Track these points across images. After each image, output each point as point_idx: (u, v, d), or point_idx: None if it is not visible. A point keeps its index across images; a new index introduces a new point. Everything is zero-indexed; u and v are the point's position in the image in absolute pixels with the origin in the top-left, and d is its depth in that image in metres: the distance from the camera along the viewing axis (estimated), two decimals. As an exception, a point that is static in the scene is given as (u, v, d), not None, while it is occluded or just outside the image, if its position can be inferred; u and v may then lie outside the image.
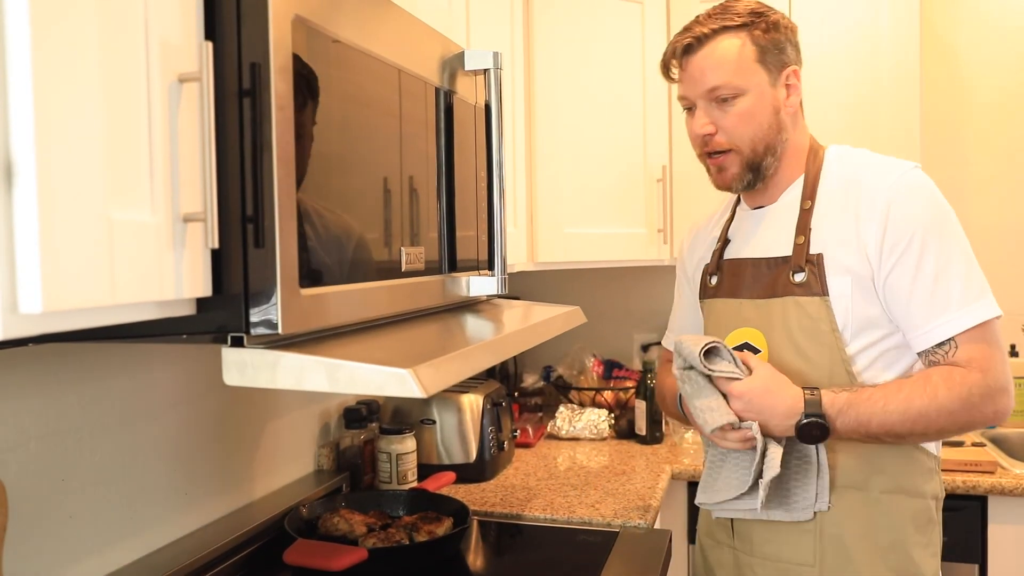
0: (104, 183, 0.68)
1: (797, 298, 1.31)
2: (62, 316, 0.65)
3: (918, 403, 1.22)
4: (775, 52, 1.33)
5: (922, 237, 1.25)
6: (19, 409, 1.13)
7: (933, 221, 1.26)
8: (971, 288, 1.26)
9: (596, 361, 2.71)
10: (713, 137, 1.34)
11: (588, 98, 2.30)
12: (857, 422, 1.23)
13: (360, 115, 1.03)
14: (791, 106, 1.35)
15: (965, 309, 1.24)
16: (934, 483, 1.33)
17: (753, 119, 1.32)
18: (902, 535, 1.29)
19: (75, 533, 1.21)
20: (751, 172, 1.35)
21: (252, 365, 0.85)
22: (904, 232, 1.25)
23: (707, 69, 1.32)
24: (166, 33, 0.77)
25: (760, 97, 1.32)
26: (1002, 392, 1.24)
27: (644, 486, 1.95)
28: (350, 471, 1.86)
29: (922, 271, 1.25)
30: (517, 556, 1.63)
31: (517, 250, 2.07)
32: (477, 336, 1.20)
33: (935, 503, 1.33)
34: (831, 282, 1.28)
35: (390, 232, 1.10)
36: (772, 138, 1.34)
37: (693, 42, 1.33)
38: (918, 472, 1.31)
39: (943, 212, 1.28)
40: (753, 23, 1.31)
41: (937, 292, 1.25)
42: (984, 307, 1.26)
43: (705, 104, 1.34)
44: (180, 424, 1.43)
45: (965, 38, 2.62)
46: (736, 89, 1.31)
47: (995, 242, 2.61)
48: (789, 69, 1.35)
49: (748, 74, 1.31)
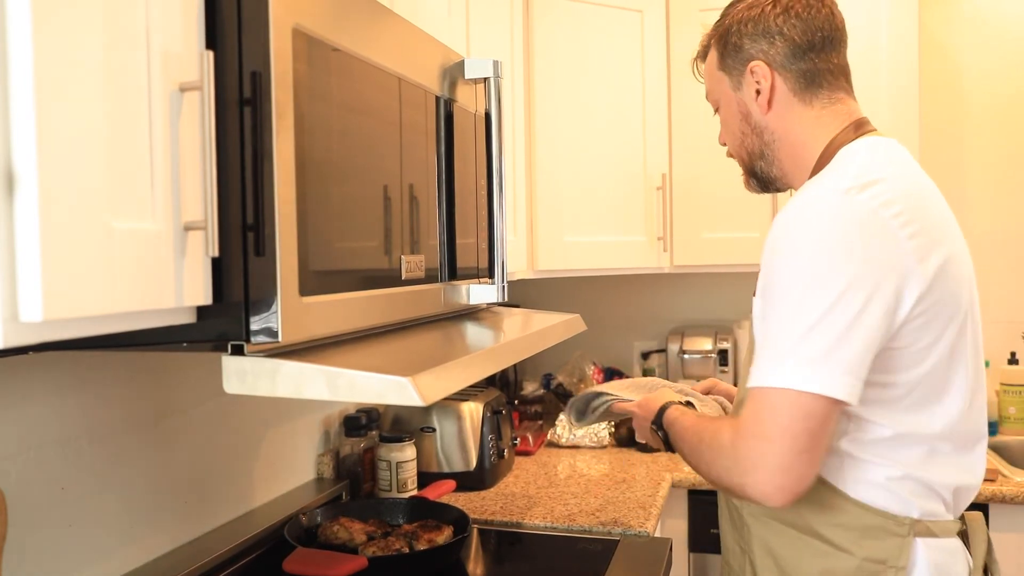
0: (105, 191, 0.68)
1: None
2: (63, 324, 0.65)
3: (693, 438, 1.18)
4: (733, 52, 1.22)
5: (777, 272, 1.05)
6: (19, 417, 1.13)
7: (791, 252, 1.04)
8: (777, 348, 1.02)
9: (596, 369, 2.71)
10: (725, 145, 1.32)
11: (588, 106, 2.30)
12: (675, 437, 1.26)
13: (360, 123, 1.03)
14: (762, 104, 1.20)
15: (758, 365, 1.04)
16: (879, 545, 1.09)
17: (728, 129, 1.27)
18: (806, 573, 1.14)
19: (75, 541, 1.20)
20: (753, 178, 1.28)
21: (252, 373, 0.85)
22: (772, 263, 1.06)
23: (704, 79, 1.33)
24: (167, 42, 0.77)
25: (728, 105, 1.25)
26: (751, 466, 1.02)
27: (644, 494, 1.95)
28: (350, 479, 1.85)
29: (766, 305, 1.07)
30: (517, 564, 1.63)
31: (517, 258, 2.08)
32: (477, 344, 1.20)
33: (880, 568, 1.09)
34: (754, 301, 1.13)
35: (390, 240, 1.10)
36: (751, 144, 1.24)
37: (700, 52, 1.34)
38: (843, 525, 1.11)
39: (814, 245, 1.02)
40: (717, 30, 1.28)
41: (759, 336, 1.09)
42: (773, 373, 1.01)
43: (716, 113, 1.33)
44: (180, 432, 1.43)
45: (964, 45, 2.62)
46: (715, 101, 1.30)
47: (994, 249, 2.61)
48: (751, 64, 1.20)
49: (716, 84, 1.27)
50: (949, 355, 1.08)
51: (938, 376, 1.08)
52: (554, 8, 2.23)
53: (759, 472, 1.02)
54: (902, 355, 1.05)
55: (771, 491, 1.01)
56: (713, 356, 2.62)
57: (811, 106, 1.19)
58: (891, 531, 1.09)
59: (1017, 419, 2.43)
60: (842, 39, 1.24)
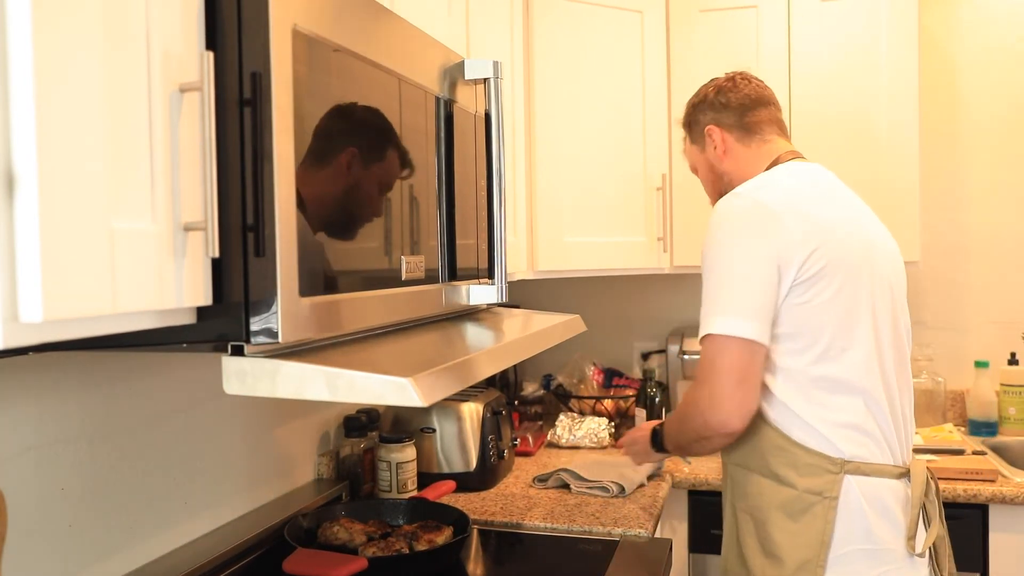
0: (105, 192, 0.68)
1: None
2: (63, 325, 0.66)
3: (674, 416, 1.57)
4: (697, 129, 1.67)
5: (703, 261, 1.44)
6: (19, 418, 1.13)
7: (707, 245, 1.43)
8: (709, 306, 1.39)
9: (596, 370, 2.71)
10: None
11: (588, 107, 2.30)
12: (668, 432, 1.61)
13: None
14: (718, 155, 1.63)
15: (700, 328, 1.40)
16: (817, 480, 1.39)
17: (705, 181, 1.70)
18: (770, 516, 1.43)
19: (74, 542, 1.20)
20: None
21: (252, 374, 0.86)
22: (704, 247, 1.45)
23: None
24: (167, 43, 0.77)
25: (703, 165, 1.69)
26: (703, 412, 1.38)
27: (644, 495, 1.95)
28: (350, 480, 1.85)
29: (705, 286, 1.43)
30: (517, 565, 1.63)
31: (517, 258, 2.08)
32: (477, 345, 1.20)
33: (819, 498, 1.39)
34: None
35: (390, 241, 1.10)
36: (719, 186, 1.64)
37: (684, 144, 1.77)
38: (790, 464, 1.41)
39: (717, 235, 1.42)
40: (682, 119, 1.73)
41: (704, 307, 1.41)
42: (709, 324, 1.37)
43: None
44: (180, 433, 1.43)
45: (963, 45, 2.62)
46: (694, 168, 1.73)
47: (993, 249, 2.61)
48: (707, 128, 1.64)
49: (693, 156, 1.71)
50: (845, 315, 1.38)
51: (839, 331, 1.38)
52: (554, 8, 2.23)
53: (712, 406, 1.37)
54: (804, 309, 1.38)
55: (725, 416, 1.36)
56: (713, 357, 2.61)
57: (749, 147, 1.62)
58: (825, 468, 1.39)
59: (1017, 419, 2.43)
60: (768, 101, 1.63)
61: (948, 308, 2.63)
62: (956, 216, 2.64)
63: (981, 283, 2.62)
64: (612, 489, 1.93)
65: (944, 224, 2.63)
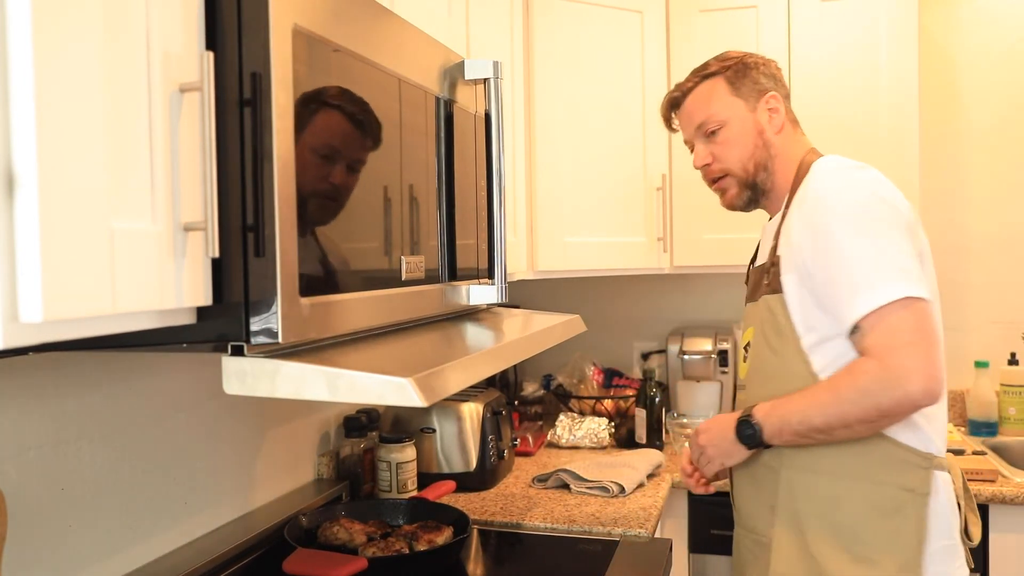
0: (105, 192, 0.68)
1: (766, 297, 1.44)
2: (63, 325, 0.66)
3: (824, 396, 1.30)
4: (749, 84, 1.53)
5: (837, 226, 1.31)
6: (19, 418, 1.13)
7: (847, 210, 1.32)
8: (877, 273, 1.26)
9: (596, 370, 2.71)
10: (710, 167, 1.55)
11: (588, 107, 2.30)
12: (782, 420, 1.34)
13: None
14: (775, 126, 1.52)
15: (864, 295, 1.26)
16: (908, 475, 1.34)
17: (739, 142, 1.52)
18: (860, 519, 1.34)
19: (75, 542, 1.20)
20: (748, 189, 1.53)
21: (252, 374, 0.86)
22: (820, 223, 1.33)
23: (693, 111, 1.56)
24: (167, 43, 0.77)
25: (742, 123, 1.52)
26: (902, 380, 1.22)
27: (644, 495, 1.95)
28: (350, 480, 1.85)
29: (832, 258, 1.31)
30: (517, 565, 1.63)
31: (517, 259, 2.08)
32: (477, 345, 1.20)
33: (911, 495, 1.34)
34: (783, 280, 1.40)
35: (390, 241, 1.10)
36: (760, 155, 1.51)
37: (679, 95, 1.60)
38: (879, 461, 1.34)
39: (862, 202, 1.32)
40: (723, 68, 1.54)
41: (842, 279, 1.30)
42: (885, 290, 1.25)
43: (701, 140, 1.56)
44: (180, 433, 1.43)
45: (963, 46, 2.62)
46: (719, 121, 1.53)
47: (993, 250, 2.61)
48: (767, 95, 1.52)
49: (726, 107, 1.53)
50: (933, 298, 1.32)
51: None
52: (554, 8, 2.23)
53: (918, 373, 1.22)
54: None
55: (932, 386, 1.22)
56: (713, 357, 2.61)
57: (795, 135, 1.55)
58: (917, 464, 1.34)
59: (1017, 419, 2.43)
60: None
61: (948, 308, 2.60)
62: (956, 216, 2.64)
63: (981, 283, 2.62)
64: (612, 489, 1.93)
65: (944, 224, 2.63)
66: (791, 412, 1.33)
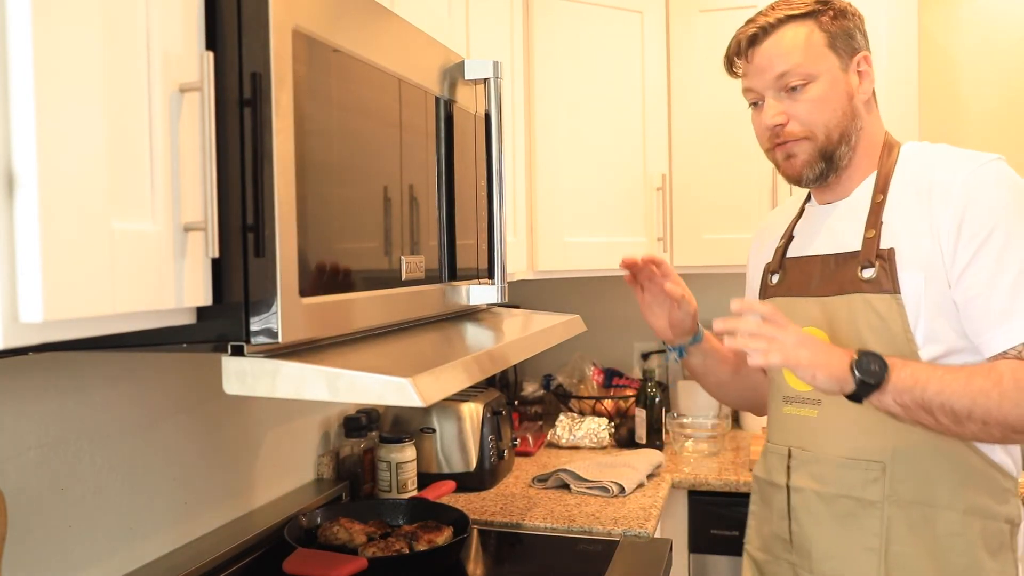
0: (105, 192, 0.68)
1: (866, 295, 1.23)
2: (63, 325, 0.66)
3: (980, 381, 1.10)
4: (845, 38, 1.28)
5: (1005, 230, 1.14)
6: (19, 418, 1.13)
7: (1018, 214, 1.15)
8: None
9: (596, 370, 2.71)
10: (785, 127, 1.29)
11: (588, 107, 2.30)
12: (914, 379, 1.11)
13: (360, 124, 1.03)
14: (864, 93, 1.29)
15: None
16: (1010, 505, 1.22)
17: (827, 105, 1.27)
18: (973, 559, 1.19)
19: (74, 542, 1.20)
20: (823, 161, 1.29)
21: (252, 374, 0.85)
22: (984, 224, 1.15)
23: (775, 57, 1.27)
24: (167, 43, 0.77)
25: (833, 82, 1.27)
26: None
27: (644, 495, 1.95)
28: (350, 480, 1.85)
29: (1003, 266, 1.14)
30: (517, 565, 1.63)
31: (517, 259, 2.08)
32: (477, 345, 1.20)
33: (1009, 527, 1.21)
34: (903, 278, 1.20)
35: (390, 241, 1.10)
36: (847, 125, 1.28)
37: (759, 32, 1.29)
38: (989, 491, 1.20)
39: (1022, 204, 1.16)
40: (819, 11, 1.28)
41: (1018, 292, 1.13)
42: None
43: (775, 94, 1.29)
44: (180, 433, 1.43)
45: (963, 46, 2.62)
46: (807, 75, 1.26)
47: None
48: (860, 55, 1.29)
49: (818, 59, 1.26)
50: None
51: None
52: (554, 8, 2.23)
53: None
54: None
55: None
56: (713, 357, 2.61)
57: (877, 110, 1.34)
58: (1013, 491, 1.21)
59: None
60: None
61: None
62: (956, 216, 2.63)
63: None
64: (612, 489, 1.93)
65: (944, 224, 2.63)
66: (931, 379, 1.11)
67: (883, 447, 1.22)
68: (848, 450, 1.25)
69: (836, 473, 1.26)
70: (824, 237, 1.34)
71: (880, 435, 1.22)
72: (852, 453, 1.25)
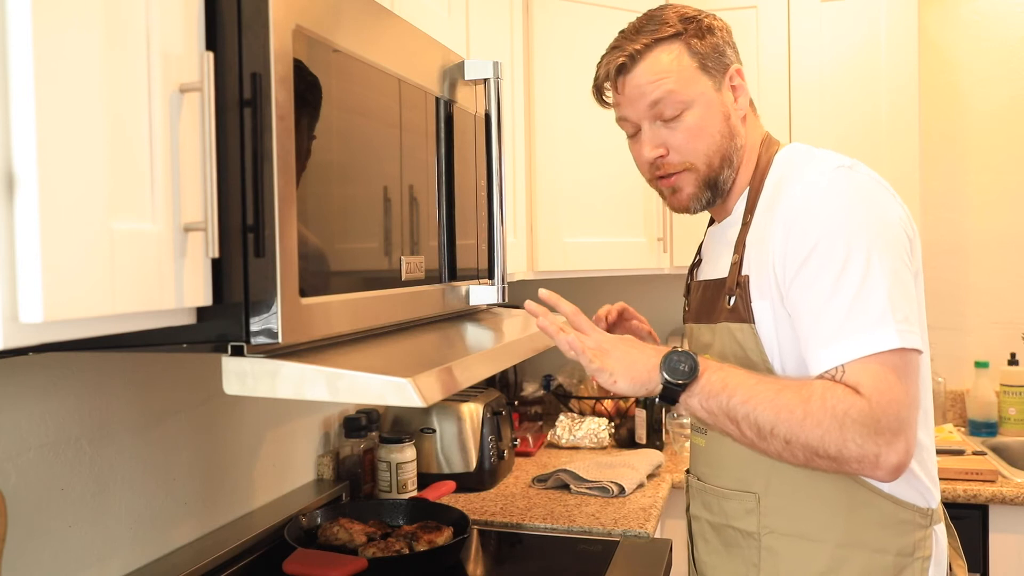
0: (105, 193, 0.68)
1: (729, 324, 1.18)
2: (63, 325, 0.65)
3: (789, 396, 1.01)
4: (715, 57, 1.20)
5: (826, 247, 1.05)
6: (19, 418, 1.13)
7: (840, 228, 1.05)
8: (871, 311, 1.02)
9: (596, 370, 2.70)
10: (665, 159, 1.22)
11: (588, 107, 2.29)
12: (723, 384, 1.04)
13: (360, 124, 1.03)
14: (740, 108, 1.22)
15: (857, 337, 1.01)
16: (910, 538, 1.12)
17: (704, 132, 1.19)
18: None
19: (75, 543, 1.20)
20: (708, 189, 1.23)
21: (252, 374, 0.85)
22: (804, 242, 1.07)
23: (646, 85, 1.20)
24: (167, 43, 0.77)
25: (708, 106, 1.19)
26: (892, 433, 0.98)
27: (644, 495, 1.95)
28: (350, 480, 1.85)
29: (816, 287, 1.05)
30: (517, 565, 1.63)
31: (517, 259, 2.08)
32: (477, 345, 1.20)
33: (910, 560, 1.12)
34: (755, 307, 1.14)
35: (390, 241, 1.10)
36: (727, 147, 1.21)
37: (626, 61, 1.21)
38: (880, 523, 1.12)
39: (857, 219, 1.06)
40: (686, 30, 1.20)
41: (828, 313, 1.04)
42: (889, 334, 1.01)
43: (649, 125, 1.22)
44: (180, 433, 1.43)
45: (963, 46, 2.62)
46: (681, 103, 1.19)
47: (993, 250, 2.61)
48: (732, 69, 1.22)
49: (691, 84, 1.19)
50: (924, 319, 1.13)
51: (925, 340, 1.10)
52: (554, 9, 2.23)
53: (901, 438, 0.98)
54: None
55: (906, 460, 0.99)
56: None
57: (755, 119, 1.27)
58: (918, 523, 1.13)
59: (1017, 420, 2.43)
60: None
61: (948, 308, 2.63)
62: (956, 217, 2.64)
63: (981, 284, 2.62)
64: (612, 489, 1.93)
65: (944, 225, 2.63)
66: (740, 387, 1.04)
67: (757, 478, 1.17)
68: (729, 480, 1.22)
69: (719, 503, 1.23)
70: (709, 261, 1.31)
71: (756, 465, 1.16)
72: (732, 483, 1.21)
